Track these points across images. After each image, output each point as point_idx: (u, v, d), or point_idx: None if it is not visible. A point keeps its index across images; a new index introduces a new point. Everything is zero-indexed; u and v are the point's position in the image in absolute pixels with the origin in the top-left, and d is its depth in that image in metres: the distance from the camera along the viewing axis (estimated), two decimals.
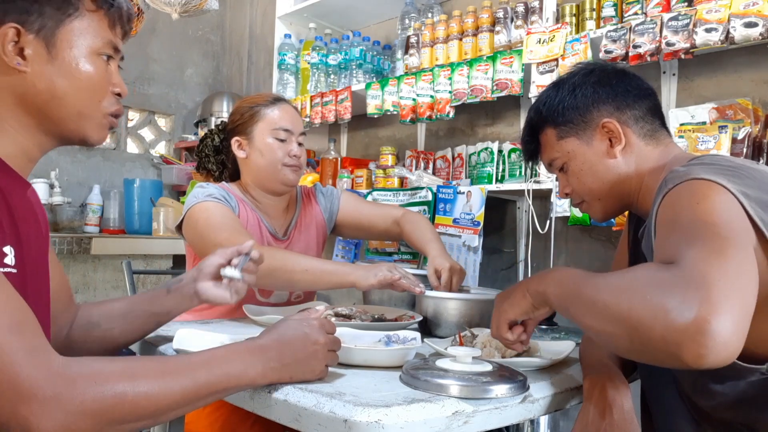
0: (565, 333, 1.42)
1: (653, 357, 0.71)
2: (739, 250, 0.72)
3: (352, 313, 1.37)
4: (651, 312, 0.68)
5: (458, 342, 1.16)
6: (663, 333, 0.66)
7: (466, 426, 0.83)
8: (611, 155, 1.07)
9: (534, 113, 1.17)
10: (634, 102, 1.08)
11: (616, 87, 1.09)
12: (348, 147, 2.98)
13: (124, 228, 3.43)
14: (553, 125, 1.13)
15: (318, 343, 0.90)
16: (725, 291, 0.66)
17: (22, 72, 0.83)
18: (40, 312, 0.89)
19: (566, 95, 1.11)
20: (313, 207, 1.77)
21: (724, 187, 0.79)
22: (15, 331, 0.68)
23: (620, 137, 1.06)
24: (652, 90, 1.11)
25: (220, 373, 0.80)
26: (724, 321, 0.64)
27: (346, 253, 2.46)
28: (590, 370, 1.00)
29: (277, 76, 2.83)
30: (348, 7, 2.70)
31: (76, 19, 0.86)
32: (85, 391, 0.68)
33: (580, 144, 1.10)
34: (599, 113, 1.08)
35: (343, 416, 0.77)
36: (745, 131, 1.48)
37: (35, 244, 0.88)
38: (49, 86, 0.85)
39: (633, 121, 1.07)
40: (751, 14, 1.42)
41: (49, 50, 0.84)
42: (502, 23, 2.01)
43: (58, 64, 0.85)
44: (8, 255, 0.78)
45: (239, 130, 1.63)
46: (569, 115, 1.10)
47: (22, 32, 0.82)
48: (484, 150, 2.12)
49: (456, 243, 2.02)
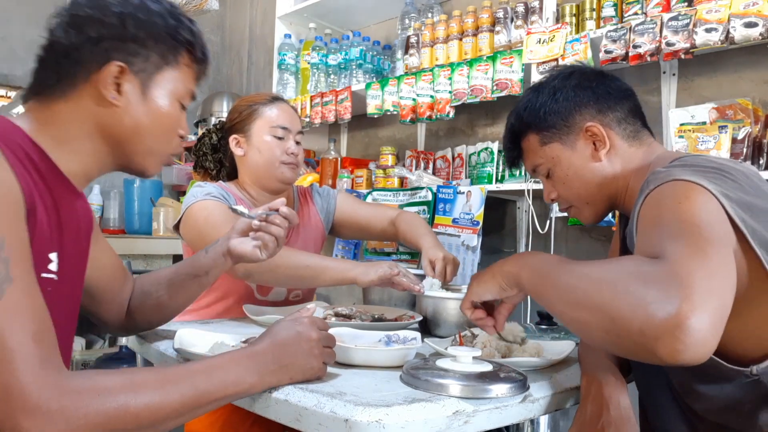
0: (565, 333, 1.42)
1: (628, 349, 0.71)
2: (719, 250, 0.73)
3: (352, 313, 1.38)
4: (632, 304, 0.69)
5: (458, 342, 1.16)
6: (641, 326, 0.67)
7: (466, 426, 0.83)
8: (596, 159, 1.07)
9: (515, 119, 1.16)
10: (616, 104, 1.08)
11: (596, 89, 1.08)
12: (348, 147, 2.98)
13: (124, 228, 3.43)
14: (535, 131, 1.12)
15: (312, 340, 0.91)
16: (706, 289, 0.67)
17: (114, 105, 0.89)
18: (69, 319, 0.93)
19: (547, 99, 1.10)
20: (309, 207, 1.78)
21: (705, 188, 0.80)
22: (36, 339, 0.70)
23: (605, 140, 1.06)
24: (631, 90, 1.11)
25: (218, 382, 0.81)
26: (703, 319, 0.65)
27: (346, 253, 2.46)
28: (587, 369, 1.01)
29: (277, 76, 2.83)
30: (348, 7, 2.70)
31: (172, 68, 0.95)
32: (89, 404, 0.70)
33: (564, 149, 1.09)
34: (582, 117, 1.07)
35: (344, 416, 0.77)
36: (745, 131, 1.48)
37: (75, 252, 0.92)
38: (134, 123, 0.92)
39: (616, 123, 1.07)
40: (751, 14, 1.42)
41: (143, 91, 0.92)
42: (502, 23, 2.01)
43: (146, 105, 0.92)
44: (53, 261, 0.83)
45: (237, 128, 1.63)
46: (551, 120, 1.09)
47: (126, 71, 0.89)
48: (484, 150, 2.12)
49: (455, 243, 2.02)
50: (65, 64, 0.88)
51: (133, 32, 0.90)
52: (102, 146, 0.92)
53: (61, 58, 0.88)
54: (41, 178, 0.83)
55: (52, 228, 0.83)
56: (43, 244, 0.81)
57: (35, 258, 0.77)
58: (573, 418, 0.96)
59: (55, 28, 0.90)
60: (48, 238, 0.82)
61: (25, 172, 0.79)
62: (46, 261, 0.82)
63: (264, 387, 0.87)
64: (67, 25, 0.88)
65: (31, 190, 0.78)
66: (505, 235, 2.27)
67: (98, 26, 0.88)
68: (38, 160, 0.84)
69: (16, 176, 0.76)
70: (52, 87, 0.89)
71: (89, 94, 0.89)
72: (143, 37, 0.91)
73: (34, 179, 0.81)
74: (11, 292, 0.70)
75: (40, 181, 0.82)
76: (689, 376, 0.91)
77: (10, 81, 3.27)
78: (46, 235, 0.81)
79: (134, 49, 0.90)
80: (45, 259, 0.82)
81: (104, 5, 0.89)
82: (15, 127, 0.85)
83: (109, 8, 0.89)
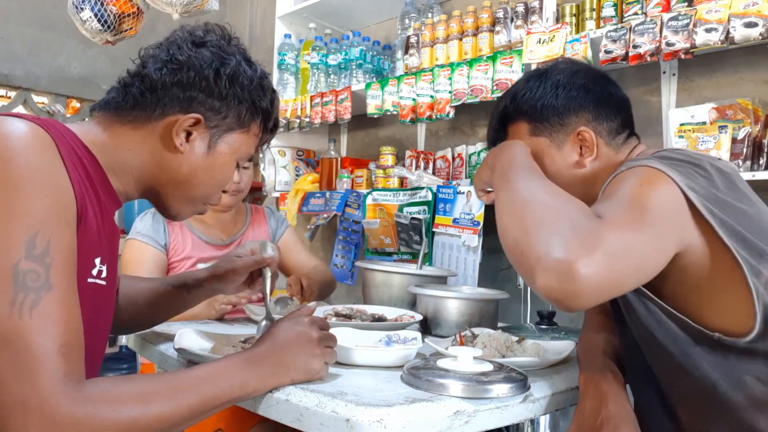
0: (565, 333, 1.42)
1: (521, 267, 0.82)
2: (653, 236, 0.78)
3: (352, 313, 1.38)
4: (548, 234, 0.77)
5: (459, 342, 1.16)
6: (540, 255, 0.76)
7: (467, 425, 0.83)
8: (580, 165, 1.07)
9: (510, 102, 1.13)
10: (612, 113, 1.07)
11: (599, 95, 1.07)
12: (348, 147, 2.98)
13: (124, 228, 3.43)
14: (527, 119, 1.10)
15: (312, 340, 0.91)
16: (613, 253, 0.74)
17: (178, 151, 0.91)
18: (104, 324, 0.94)
19: (548, 92, 1.08)
20: (261, 225, 1.88)
21: (671, 178, 0.82)
22: (63, 352, 0.69)
23: (593, 149, 1.05)
24: (628, 102, 1.12)
25: (223, 387, 0.82)
26: (591, 273, 0.72)
27: (346, 253, 2.46)
28: (585, 366, 1.01)
29: (277, 76, 2.83)
30: (348, 7, 2.69)
31: (242, 131, 0.97)
32: (103, 418, 0.70)
33: (550, 145, 1.08)
34: (578, 119, 1.07)
35: (345, 416, 0.77)
36: (745, 131, 1.48)
37: (114, 258, 0.93)
38: (191, 172, 0.93)
39: (607, 133, 1.07)
40: (751, 14, 1.42)
41: (210, 145, 0.94)
42: (502, 23, 2.01)
43: (208, 159, 0.94)
44: (99, 267, 0.84)
45: None
46: (547, 114, 1.08)
47: (201, 123, 0.92)
48: (484, 150, 2.12)
49: (456, 243, 2.02)
50: (147, 98, 0.90)
51: (222, 91, 0.91)
52: (151, 180, 0.94)
53: (145, 90, 0.90)
54: (91, 183, 0.83)
55: (100, 233, 0.84)
56: (90, 249, 0.81)
57: (83, 263, 0.78)
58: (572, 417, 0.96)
59: (150, 60, 0.91)
60: (96, 243, 0.82)
61: (78, 176, 0.79)
62: (92, 266, 0.83)
63: (266, 389, 0.87)
64: (163, 63, 0.90)
65: (83, 193, 0.79)
66: None
67: (193, 75, 0.90)
68: (90, 166, 0.84)
69: (71, 178, 0.76)
70: (126, 111, 0.90)
71: (158, 132, 0.90)
72: (229, 97, 0.92)
73: (85, 184, 0.81)
74: (48, 300, 0.69)
75: (90, 186, 0.83)
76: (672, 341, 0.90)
77: (10, 81, 3.27)
78: (94, 239, 0.82)
79: (216, 105, 0.92)
80: (91, 264, 0.83)
81: (205, 57, 0.91)
82: (67, 129, 0.85)
83: (208, 61, 0.91)
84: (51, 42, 3.35)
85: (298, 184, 2.69)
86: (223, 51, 0.94)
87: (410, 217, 2.12)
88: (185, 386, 0.79)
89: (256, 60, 1.00)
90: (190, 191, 0.96)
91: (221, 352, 1.05)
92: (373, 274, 1.65)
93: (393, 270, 1.64)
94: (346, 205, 2.42)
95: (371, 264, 1.68)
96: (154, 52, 0.92)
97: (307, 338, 0.91)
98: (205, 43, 0.93)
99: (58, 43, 3.37)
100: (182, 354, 1.05)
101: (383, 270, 1.64)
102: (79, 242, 0.77)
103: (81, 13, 2.09)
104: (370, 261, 1.97)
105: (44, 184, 0.73)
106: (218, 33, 0.97)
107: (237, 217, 1.83)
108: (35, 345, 0.67)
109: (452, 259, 2.04)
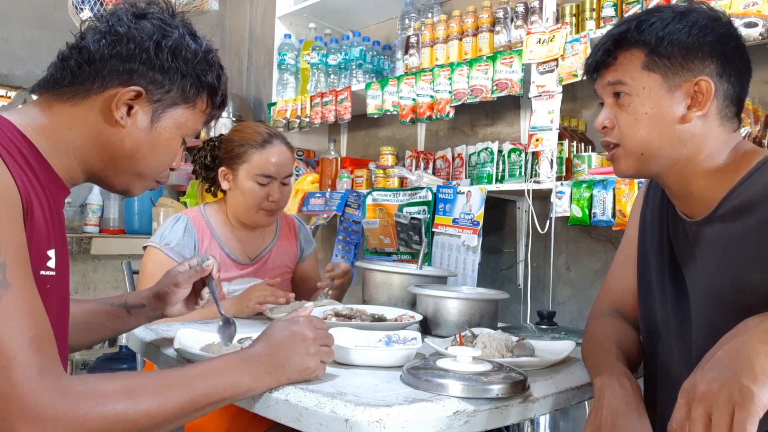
0: (565, 333, 1.42)
1: None
2: None
3: (352, 313, 1.38)
4: None
5: (458, 342, 1.16)
6: None
7: (466, 425, 0.83)
8: (684, 120, 0.95)
9: (635, 27, 0.97)
10: (737, 77, 0.97)
11: (733, 50, 0.96)
12: (348, 147, 2.98)
13: (124, 228, 3.43)
14: (647, 50, 0.96)
15: (307, 339, 0.91)
16: None
17: (119, 125, 0.89)
18: (63, 313, 0.92)
19: (681, 28, 0.95)
20: (290, 241, 1.86)
21: None
22: (35, 346, 0.69)
23: (705, 105, 0.94)
24: (750, 76, 1.01)
25: (215, 386, 0.82)
26: None
27: (346, 253, 2.46)
28: (598, 370, 0.98)
29: (277, 76, 2.83)
30: (348, 7, 2.70)
31: (187, 106, 0.95)
32: (87, 411, 0.70)
33: (661, 86, 0.95)
34: (702, 66, 0.94)
35: (345, 416, 0.77)
36: (745, 131, 1.48)
37: (63, 246, 0.92)
38: (134, 146, 0.91)
39: (723, 96, 0.96)
40: (751, 14, 1.42)
41: (152, 120, 0.91)
42: (502, 23, 2.01)
43: (152, 134, 0.92)
44: (51, 258, 0.82)
45: (226, 162, 1.70)
46: (672, 51, 0.94)
47: (142, 97, 0.89)
48: (484, 150, 2.12)
49: (455, 243, 2.02)
50: (85, 71, 0.87)
51: (163, 63, 0.89)
52: (95, 160, 0.91)
53: (83, 63, 0.87)
54: (35, 175, 0.81)
55: (48, 225, 0.82)
56: (41, 242, 0.80)
57: (34, 256, 0.77)
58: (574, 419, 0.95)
59: (88, 32, 0.88)
60: (45, 236, 0.81)
61: (20, 171, 0.78)
62: (45, 258, 0.81)
63: (262, 389, 0.87)
64: (102, 34, 0.87)
65: (27, 188, 0.77)
66: (505, 236, 2.27)
67: (133, 47, 0.87)
68: (30, 157, 0.82)
69: (13, 175, 0.75)
70: (64, 87, 0.88)
71: (98, 107, 0.88)
72: (171, 71, 0.90)
73: (28, 177, 0.79)
74: (9, 298, 0.69)
75: (34, 178, 0.81)
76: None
77: (10, 81, 3.27)
78: (43, 232, 0.80)
79: (158, 79, 0.89)
80: (44, 257, 0.81)
81: (146, 29, 0.88)
82: (3, 119, 0.82)
83: (149, 33, 0.88)
84: (51, 42, 3.35)
85: (298, 184, 2.69)
86: (166, 23, 0.90)
87: (410, 217, 2.12)
88: (175, 383, 0.79)
89: (203, 35, 0.97)
90: (135, 166, 0.93)
91: (217, 351, 1.05)
92: (373, 274, 1.65)
93: (393, 270, 1.64)
94: (346, 205, 2.43)
95: (371, 264, 1.68)
96: (94, 24, 0.89)
97: (303, 337, 0.91)
98: (146, 15, 0.90)
99: (58, 43, 3.34)
100: (181, 354, 1.05)
101: (383, 270, 1.64)
102: (29, 237, 0.76)
103: (81, 13, 2.09)
104: (369, 261, 1.96)
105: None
106: (162, 6, 0.93)
107: (266, 229, 1.80)
108: (3, 342, 0.67)
109: (452, 259, 2.04)
